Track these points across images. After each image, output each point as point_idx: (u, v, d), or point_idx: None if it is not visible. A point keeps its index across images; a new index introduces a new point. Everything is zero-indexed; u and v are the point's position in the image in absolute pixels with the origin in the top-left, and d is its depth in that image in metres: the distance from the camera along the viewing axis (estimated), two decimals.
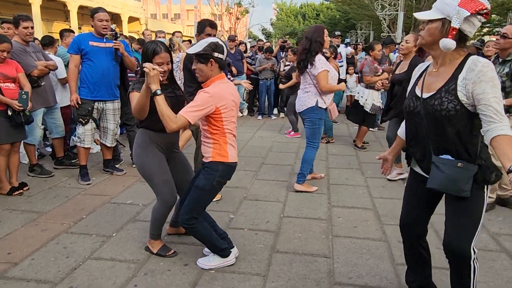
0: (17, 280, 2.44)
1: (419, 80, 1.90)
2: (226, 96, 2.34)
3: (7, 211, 3.49)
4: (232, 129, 2.44)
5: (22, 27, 4.05)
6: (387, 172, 2.31)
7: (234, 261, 2.62)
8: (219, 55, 2.32)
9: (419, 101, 1.83)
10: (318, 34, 3.82)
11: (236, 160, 2.50)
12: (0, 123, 3.69)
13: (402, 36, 14.66)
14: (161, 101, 2.22)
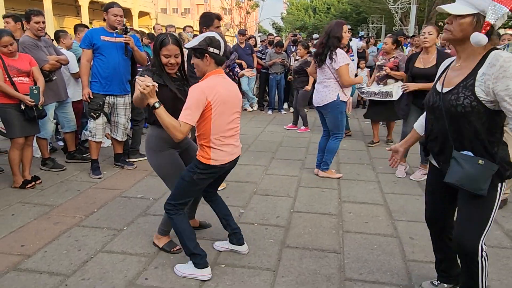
0: (30, 272, 2.48)
1: (442, 74, 1.88)
2: (219, 89, 2.23)
3: (20, 204, 3.54)
4: (226, 130, 2.31)
5: (33, 22, 4.07)
6: (395, 164, 2.27)
7: (208, 277, 2.39)
8: (214, 50, 2.24)
9: (439, 96, 1.80)
10: (337, 30, 3.83)
11: (224, 162, 2.35)
12: (14, 117, 3.74)
13: (414, 29, 14.45)
14: (161, 113, 2.15)
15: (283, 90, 8.55)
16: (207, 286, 2.34)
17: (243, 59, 8.11)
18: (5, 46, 3.62)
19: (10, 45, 3.63)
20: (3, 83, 3.62)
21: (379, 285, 2.37)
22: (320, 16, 40.45)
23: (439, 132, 1.86)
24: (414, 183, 4.12)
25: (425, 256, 2.67)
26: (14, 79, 3.69)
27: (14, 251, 2.73)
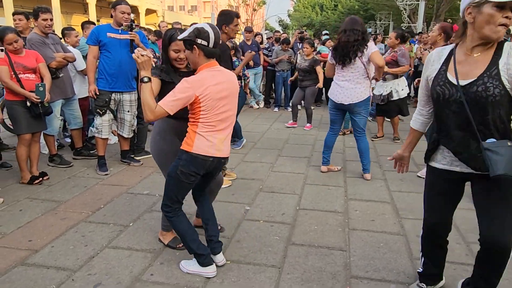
0: (37, 267, 2.50)
1: (447, 66, 1.84)
2: (209, 84, 2.17)
3: (28, 199, 3.58)
4: (215, 122, 2.24)
5: (41, 19, 4.09)
6: (404, 170, 2.25)
7: (213, 275, 2.38)
8: (202, 41, 2.18)
9: (454, 88, 1.77)
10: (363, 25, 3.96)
11: (207, 154, 2.24)
12: (20, 114, 3.77)
13: (423, 26, 14.31)
14: (145, 89, 2.16)
15: (289, 87, 8.53)
16: (212, 283, 2.35)
17: None
18: (10, 44, 3.64)
19: (15, 42, 3.65)
20: (9, 80, 3.65)
21: (385, 283, 2.36)
22: (327, 13, 40.23)
23: (457, 126, 1.81)
24: (422, 181, 4.06)
25: None
26: (20, 76, 3.71)
27: (22, 246, 2.75)
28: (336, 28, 27.91)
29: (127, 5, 4.09)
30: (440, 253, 2.16)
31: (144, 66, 2.19)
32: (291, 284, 2.33)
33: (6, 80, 3.63)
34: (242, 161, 4.82)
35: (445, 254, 2.18)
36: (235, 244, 2.79)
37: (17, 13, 4.65)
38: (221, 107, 2.24)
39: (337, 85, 4.10)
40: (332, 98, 4.15)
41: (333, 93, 4.15)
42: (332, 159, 4.89)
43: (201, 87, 2.15)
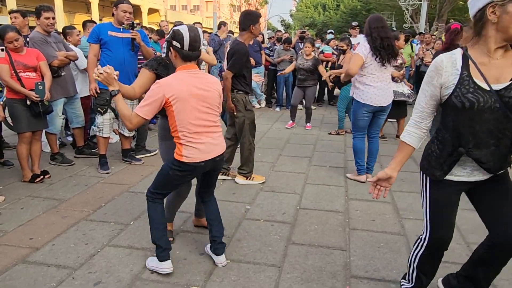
0: (38, 265, 2.51)
1: (468, 71, 1.67)
2: (178, 86, 2.14)
3: (29, 198, 3.59)
4: (194, 127, 2.22)
5: (43, 18, 4.10)
6: (383, 195, 1.93)
7: (168, 271, 2.37)
8: (176, 43, 2.19)
9: (488, 94, 1.63)
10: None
11: (198, 160, 2.26)
12: (20, 112, 3.78)
13: (425, 27, 14.28)
14: (118, 102, 2.19)
15: (291, 87, 8.52)
16: (212, 281, 2.35)
17: (251, 56, 8.05)
18: (11, 42, 3.65)
19: (15, 40, 3.66)
20: (9, 79, 3.65)
21: (385, 283, 2.35)
22: (330, 13, 40.16)
23: (489, 134, 1.67)
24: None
25: None
26: (20, 74, 3.72)
27: (23, 244, 2.76)
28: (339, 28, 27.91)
29: (129, 4, 4.10)
30: (438, 264, 2.06)
31: (107, 82, 2.22)
32: (291, 284, 2.34)
33: (7, 79, 3.64)
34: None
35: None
36: (235, 243, 2.79)
37: (14, 11, 4.65)
38: (196, 111, 2.21)
39: (373, 88, 3.79)
40: (371, 102, 3.81)
41: (371, 97, 3.80)
42: (332, 158, 4.90)
43: (172, 89, 2.14)
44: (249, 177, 4.02)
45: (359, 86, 3.85)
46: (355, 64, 3.73)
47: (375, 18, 3.78)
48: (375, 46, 3.67)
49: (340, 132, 6.23)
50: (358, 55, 3.73)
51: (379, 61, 3.71)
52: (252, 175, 4.05)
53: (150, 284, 2.32)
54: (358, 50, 3.77)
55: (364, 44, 3.72)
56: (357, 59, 3.73)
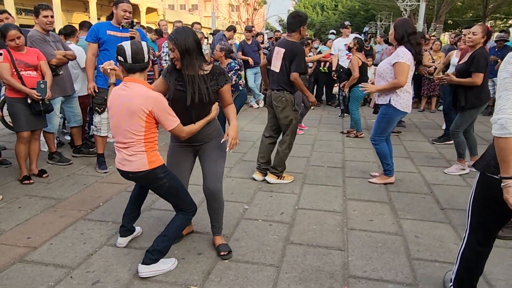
0: (36, 264, 2.50)
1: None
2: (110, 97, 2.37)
3: (27, 197, 3.58)
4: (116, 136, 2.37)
5: (42, 16, 4.09)
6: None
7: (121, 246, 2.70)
8: (120, 58, 2.31)
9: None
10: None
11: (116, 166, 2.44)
12: (20, 111, 3.77)
13: (423, 27, 14.31)
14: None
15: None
16: (210, 281, 2.35)
17: (249, 55, 8.10)
18: (12, 40, 3.64)
19: (17, 38, 3.65)
20: (10, 77, 3.65)
21: (383, 282, 2.36)
22: (328, 14, 40.23)
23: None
24: (421, 182, 4.09)
25: (430, 255, 2.66)
26: (21, 73, 3.71)
27: (20, 243, 2.76)
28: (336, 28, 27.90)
29: (128, 4, 4.09)
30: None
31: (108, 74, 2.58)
32: (289, 283, 2.34)
33: (7, 77, 3.63)
34: (241, 160, 4.82)
35: None
36: (233, 243, 2.79)
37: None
38: (113, 120, 2.31)
39: (410, 94, 3.76)
40: (406, 109, 3.77)
41: (407, 104, 3.76)
42: (330, 159, 4.91)
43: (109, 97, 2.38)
44: (280, 176, 4.07)
45: (401, 94, 3.70)
46: (404, 74, 3.57)
47: (410, 23, 3.71)
48: (415, 52, 3.59)
49: (359, 135, 6.09)
50: (404, 64, 3.56)
51: (414, 68, 3.67)
52: (283, 175, 4.10)
53: (148, 284, 2.32)
54: (401, 58, 3.56)
55: (405, 51, 3.57)
56: (405, 69, 3.57)
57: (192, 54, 2.30)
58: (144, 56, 2.31)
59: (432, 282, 2.37)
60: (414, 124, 7.00)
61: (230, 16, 32.66)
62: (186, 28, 2.41)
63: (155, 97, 2.22)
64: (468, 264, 1.98)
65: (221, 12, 34.79)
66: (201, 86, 2.35)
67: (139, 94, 2.22)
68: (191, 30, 2.37)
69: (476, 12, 24.06)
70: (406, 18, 3.93)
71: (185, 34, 2.29)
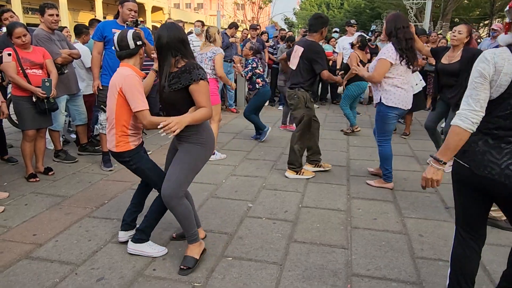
0: (42, 261, 2.53)
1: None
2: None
3: (33, 194, 3.61)
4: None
5: (47, 15, 4.12)
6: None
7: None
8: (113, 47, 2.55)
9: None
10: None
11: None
12: (25, 110, 3.80)
13: (429, 26, 14.21)
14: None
15: None
16: (213, 278, 2.36)
17: None
18: (19, 37, 3.68)
19: (23, 36, 3.69)
20: (16, 75, 3.68)
21: (386, 281, 2.36)
22: (334, 12, 40.05)
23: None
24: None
25: (434, 254, 2.65)
26: (27, 71, 3.75)
27: (26, 240, 2.79)
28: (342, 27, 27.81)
29: (134, 3, 4.11)
30: None
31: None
32: (292, 281, 2.34)
33: (13, 75, 3.67)
34: (246, 158, 4.83)
35: None
36: (237, 241, 2.80)
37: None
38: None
39: (404, 90, 3.63)
40: (402, 106, 3.66)
41: (402, 100, 3.64)
42: (335, 157, 4.90)
43: None
44: (299, 171, 4.13)
45: (390, 89, 3.61)
46: (381, 70, 3.54)
47: (400, 17, 3.60)
48: (400, 48, 3.50)
49: (355, 129, 6.14)
50: (384, 60, 3.53)
51: (406, 64, 3.55)
52: (302, 170, 4.15)
53: (152, 281, 2.33)
54: (383, 55, 3.55)
55: (389, 46, 3.54)
56: (383, 65, 3.54)
57: (168, 51, 2.25)
58: (128, 43, 2.46)
59: (436, 281, 2.36)
60: (420, 123, 6.96)
61: (235, 14, 32.65)
62: (171, 24, 2.38)
63: (127, 75, 2.37)
64: (460, 263, 1.95)
65: (227, 11, 34.78)
66: (165, 84, 2.28)
67: (118, 73, 2.44)
68: (173, 26, 2.30)
69: (483, 10, 23.86)
70: (398, 13, 3.86)
71: (166, 30, 2.26)
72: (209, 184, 3.92)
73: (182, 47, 2.28)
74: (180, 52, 2.28)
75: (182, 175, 2.35)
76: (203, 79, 2.24)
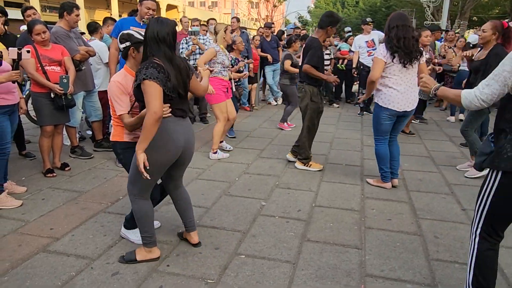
0: (58, 254, 2.58)
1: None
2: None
3: (50, 189, 3.68)
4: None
5: (74, 14, 4.26)
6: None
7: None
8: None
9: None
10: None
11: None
12: (44, 106, 3.87)
13: (447, 24, 13.97)
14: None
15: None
16: (227, 276, 2.37)
17: (268, 52, 8.08)
18: (38, 34, 3.75)
19: (43, 33, 3.77)
20: (35, 72, 3.75)
21: (400, 282, 2.33)
22: (349, 10, 39.72)
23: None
24: (441, 182, 4.01)
25: (450, 256, 2.61)
26: (46, 68, 3.82)
27: (44, 234, 2.84)
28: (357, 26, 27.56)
29: (153, 1, 4.15)
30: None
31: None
32: (305, 280, 2.34)
33: (32, 72, 3.74)
34: (259, 157, 4.83)
35: None
36: (250, 239, 2.81)
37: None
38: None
39: (396, 91, 3.56)
40: (393, 107, 3.58)
41: (393, 101, 3.57)
42: (349, 157, 4.86)
43: None
44: (307, 163, 4.35)
45: (381, 88, 3.62)
46: (375, 68, 3.54)
47: (395, 16, 3.59)
48: (390, 46, 3.46)
49: None
50: (376, 58, 3.54)
51: (399, 62, 3.48)
52: (310, 162, 4.36)
53: (166, 277, 2.36)
54: (376, 53, 3.59)
55: (382, 45, 3.59)
56: (377, 63, 3.53)
57: (146, 46, 2.24)
58: (120, 45, 2.53)
59: (452, 283, 2.33)
60: (436, 123, 6.86)
61: (249, 13, 32.65)
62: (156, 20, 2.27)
63: (111, 81, 2.49)
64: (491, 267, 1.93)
65: (241, 9, 34.80)
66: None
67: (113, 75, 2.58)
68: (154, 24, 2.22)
69: (502, 9, 23.34)
70: (399, 12, 3.83)
71: (151, 25, 2.23)
72: (222, 182, 3.93)
73: (155, 46, 2.21)
74: (152, 50, 2.22)
75: (132, 175, 2.43)
76: (146, 79, 2.11)
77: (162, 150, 2.29)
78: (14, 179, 3.77)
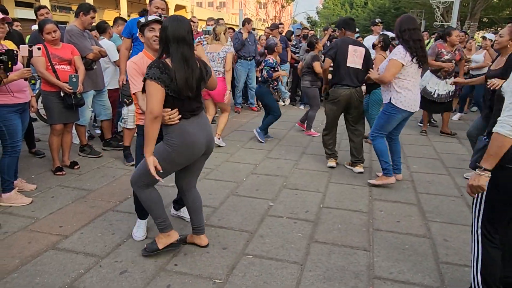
0: (67, 252, 2.60)
1: None
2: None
3: (59, 187, 3.71)
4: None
5: (90, 16, 4.33)
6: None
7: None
8: None
9: None
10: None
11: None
12: (53, 104, 3.91)
13: (457, 26, 13.85)
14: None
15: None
16: (234, 276, 2.37)
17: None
18: (49, 33, 3.79)
19: (53, 32, 3.81)
20: (45, 71, 3.79)
21: (409, 285, 2.31)
22: (357, 11, 39.55)
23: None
24: (451, 184, 3.97)
25: (460, 259, 2.58)
26: (56, 66, 3.86)
27: (53, 231, 2.86)
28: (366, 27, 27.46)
29: (162, 1, 4.17)
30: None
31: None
32: (313, 281, 2.33)
33: (42, 70, 3.78)
34: (267, 157, 4.82)
35: None
36: (257, 239, 2.81)
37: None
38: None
39: (412, 93, 3.61)
40: (410, 109, 3.63)
41: (411, 103, 3.62)
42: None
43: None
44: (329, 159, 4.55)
45: (400, 91, 3.59)
46: (390, 70, 3.53)
47: (406, 19, 3.59)
48: (409, 47, 3.47)
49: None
50: (395, 61, 3.51)
51: (417, 63, 3.52)
52: (330, 159, 4.52)
53: (174, 276, 2.36)
54: (394, 55, 3.53)
55: (400, 47, 3.52)
56: (394, 66, 3.51)
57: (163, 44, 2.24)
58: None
59: (462, 287, 2.30)
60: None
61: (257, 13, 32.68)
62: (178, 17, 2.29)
63: (127, 63, 2.56)
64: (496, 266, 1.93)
65: (249, 10, 34.84)
66: None
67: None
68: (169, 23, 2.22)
69: None
70: (407, 15, 3.85)
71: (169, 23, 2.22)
72: (230, 182, 3.93)
73: (174, 45, 2.21)
74: (171, 49, 2.23)
75: (143, 167, 2.37)
76: (148, 78, 2.16)
77: (180, 152, 2.35)
78: (24, 177, 3.81)
